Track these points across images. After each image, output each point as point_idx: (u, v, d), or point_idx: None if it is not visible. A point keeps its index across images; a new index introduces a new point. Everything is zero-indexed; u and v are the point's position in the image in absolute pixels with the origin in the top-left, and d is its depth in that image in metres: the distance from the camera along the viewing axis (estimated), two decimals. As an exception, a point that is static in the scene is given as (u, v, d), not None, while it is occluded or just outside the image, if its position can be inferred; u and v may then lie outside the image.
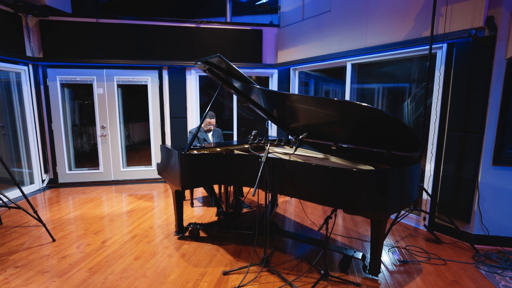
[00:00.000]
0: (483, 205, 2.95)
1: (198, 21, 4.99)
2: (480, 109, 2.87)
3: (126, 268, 2.54)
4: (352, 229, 3.39)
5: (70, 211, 3.88)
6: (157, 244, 2.98)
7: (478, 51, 2.83)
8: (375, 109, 2.09)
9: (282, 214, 3.88)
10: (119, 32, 4.83)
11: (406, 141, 2.32)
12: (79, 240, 3.05)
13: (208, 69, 2.98)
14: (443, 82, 3.14)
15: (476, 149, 2.91)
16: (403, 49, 3.43)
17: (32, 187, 4.78)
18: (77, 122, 5.50)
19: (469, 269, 2.56)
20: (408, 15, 3.33)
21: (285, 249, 2.88)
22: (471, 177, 2.96)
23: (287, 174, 2.35)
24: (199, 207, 4.07)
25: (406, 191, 2.21)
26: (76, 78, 4.95)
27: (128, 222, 3.52)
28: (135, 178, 5.37)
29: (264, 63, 5.31)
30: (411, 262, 2.68)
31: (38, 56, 4.67)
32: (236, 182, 2.79)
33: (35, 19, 4.59)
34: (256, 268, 2.50)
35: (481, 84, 2.85)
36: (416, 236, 3.22)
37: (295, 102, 2.68)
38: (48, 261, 2.63)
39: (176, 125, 5.25)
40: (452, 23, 2.93)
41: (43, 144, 4.89)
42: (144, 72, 5.11)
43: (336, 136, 2.93)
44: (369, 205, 2.07)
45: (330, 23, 4.28)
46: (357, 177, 2.07)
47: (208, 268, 2.54)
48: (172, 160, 2.91)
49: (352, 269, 2.54)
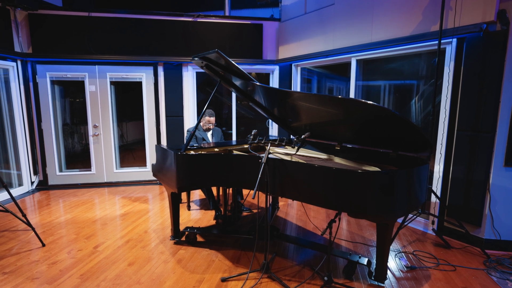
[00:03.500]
0: (495, 208, 2.95)
1: (195, 15, 4.99)
2: (491, 107, 2.86)
3: (120, 274, 2.53)
4: (357, 233, 3.39)
5: (61, 215, 3.87)
6: (152, 249, 2.97)
7: (490, 46, 2.83)
8: (382, 108, 2.09)
9: (283, 217, 3.88)
10: (112, 27, 4.82)
11: (413, 141, 2.32)
12: (70, 245, 3.04)
13: (205, 66, 2.98)
14: (452, 79, 3.14)
15: (487, 149, 2.91)
16: (410, 44, 3.42)
17: (21, 189, 4.78)
18: (68, 121, 5.49)
19: (480, 276, 2.56)
20: (416, 9, 3.33)
21: (287, 255, 2.88)
22: (482, 178, 2.96)
23: (288, 175, 2.35)
24: (196, 210, 4.07)
25: (414, 193, 2.21)
26: (67, 75, 4.95)
27: (121, 226, 3.52)
28: (129, 179, 5.37)
29: (264, 59, 5.30)
30: (419, 268, 2.67)
31: (27, 52, 4.67)
32: (235, 184, 2.79)
33: (24, 13, 4.59)
34: (256, 275, 2.50)
35: (492, 81, 2.84)
36: (424, 240, 3.22)
37: (297, 100, 2.68)
38: (38, 267, 2.63)
39: (172, 124, 5.25)
40: (462, 17, 2.93)
41: (32, 144, 4.89)
42: (138, 68, 5.10)
43: (340, 135, 2.93)
44: (375, 208, 2.07)
45: (334, 17, 4.27)
46: (363, 178, 2.07)
47: (205, 274, 2.53)
48: (168, 161, 2.90)
49: (357, 275, 2.54)
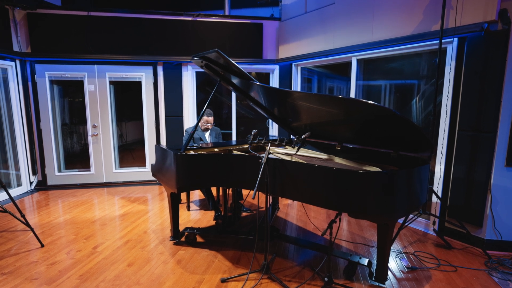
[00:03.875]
0: (496, 208, 2.95)
1: (195, 14, 4.99)
2: (492, 107, 2.87)
3: (119, 275, 2.54)
4: (358, 234, 3.40)
5: (60, 215, 3.88)
6: (152, 249, 2.98)
7: (491, 45, 2.83)
8: (382, 107, 2.09)
9: (283, 218, 3.88)
10: (111, 26, 4.83)
11: (414, 141, 2.32)
12: (69, 246, 3.05)
13: (205, 65, 2.98)
14: (453, 79, 3.15)
15: (489, 149, 2.92)
16: (411, 44, 3.43)
17: (20, 190, 4.78)
18: (67, 121, 5.50)
19: (481, 276, 2.57)
20: (417, 8, 3.33)
21: (287, 255, 2.89)
22: (483, 179, 2.96)
23: (288, 175, 2.35)
24: (196, 211, 4.08)
25: (415, 193, 2.21)
26: (66, 75, 4.96)
27: (121, 227, 3.53)
28: (128, 180, 5.38)
29: (264, 59, 5.31)
30: (420, 268, 2.68)
31: (26, 51, 4.68)
32: (235, 184, 2.79)
33: (22, 12, 4.59)
34: (256, 275, 2.50)
35: (493, 81, 2.85)
36: (425, 241, 3.22)
37: (298, 100, 2.68)
38: (36, 268, 2.64)
39: (172, 124, 5.26)
40: (463, 17, 2.93)
41: (31, 144, 4.90)
42: (138, 68, 5.11)
43: (340, 135, 2.93)
44: (375, 208, 2.08)
45: (335, 16, 4.28)
46: (363, 179, 2.07)
47: (205, 275, 2.54)
48: (167, 161, 2.91)
49: (358, 276, 2.55)
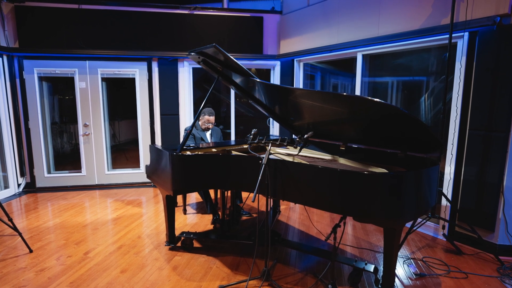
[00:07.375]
0: (509, 212, 2.95)
1: (191, 7, 4.99)
2: (505, 105, 2.87)
3: (112, 282, 2.53)
4: (363, 238, 3.39)
5: (49, 219, 3.88)
6: (146, 255, 2.97)
7: (504, 40, 2.83)
8: (389, 105, 2.09)
9: (285, 222, 3.88)
10: (103, 20, 4.82)
11: (423, 141, 2.31)
12: (59, 251, 3.05)
13: (202, 61, 2.98)
14: (464, 75, 3.14)
15: (501, 149, 2.91)
16: (419, 39, 3.42)
17: (7, 192, 4.78)
18: (57, 120, 5.50)
19: (493, 283, 2.56)
20: (426, 1, 3.33)
21: (288, 261, 2.88)
22: (495, 181, 2.96)
23: (290, 177, 2.35)
24: (193, 214, 4.07)
25: (423, 196, 2.21)
26: (56, 71, 4.95)
27: (113, 231, 3.52)
28: (121, 181, 5.37)
29: (265, 54, 5.31)
30: (429, 275, 2.68)
31: (13, 46, 4.67)
32: (234, 186, 2.79)
33: (10, 5, 4.59)
34: (256, 282, 2.50)
35: (506, 77, 2.84)
36: (434, 246, 3.22)
37: (300, 98, 2.68)
38: (25, 275, 2.63)
39: (167, 123, 5.26)
40: (474, 10, 2.93)
41: (18, 144, 4.89)
42: (131, 64, 5.10)
43: (345, 135, 2.93)
44: (382, 212, 2.07)
45: (339, 9, 4.27)
46: (369, 181, 2.07)
47: (202, 282, 2.54)
48: (162, 162, 2.91)
49: (363, 283, 2.54)
